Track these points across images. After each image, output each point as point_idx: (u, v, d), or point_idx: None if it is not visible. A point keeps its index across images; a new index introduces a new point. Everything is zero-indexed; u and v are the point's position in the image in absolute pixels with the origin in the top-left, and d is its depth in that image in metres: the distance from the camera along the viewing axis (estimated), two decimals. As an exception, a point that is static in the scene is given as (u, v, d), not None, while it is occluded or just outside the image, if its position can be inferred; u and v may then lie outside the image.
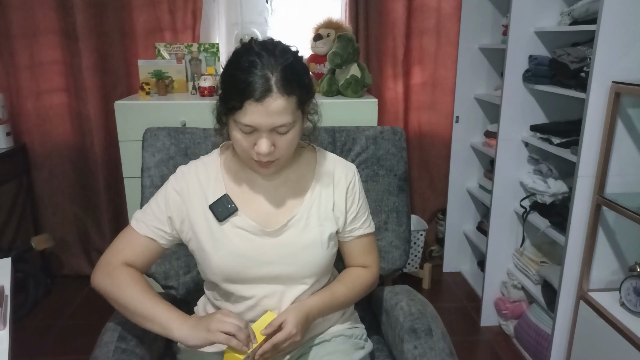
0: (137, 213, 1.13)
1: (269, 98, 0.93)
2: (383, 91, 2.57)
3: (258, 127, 0.95)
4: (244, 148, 1.00)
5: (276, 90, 0.93)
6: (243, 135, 0.98)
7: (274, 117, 0.94)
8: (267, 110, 0.93)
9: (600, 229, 1.61)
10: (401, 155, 1.45)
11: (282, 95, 0.93)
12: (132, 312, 1.02)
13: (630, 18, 1.47)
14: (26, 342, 2.14)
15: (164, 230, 1.10)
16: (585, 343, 1.64)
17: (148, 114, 1.97)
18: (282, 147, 1.00)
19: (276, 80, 0.93)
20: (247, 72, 0.93)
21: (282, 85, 0.93)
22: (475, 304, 2.43)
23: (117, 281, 1.04)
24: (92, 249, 2.69)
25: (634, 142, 1.55)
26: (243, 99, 0.93)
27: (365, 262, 1.21)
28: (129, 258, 1.08)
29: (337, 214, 1.14)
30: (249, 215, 1.09)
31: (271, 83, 0.93)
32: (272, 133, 0.97)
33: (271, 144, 0.98)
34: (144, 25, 2.41)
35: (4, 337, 0.99)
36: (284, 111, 0.95)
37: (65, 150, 2.54)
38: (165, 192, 1.11)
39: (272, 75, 0.93)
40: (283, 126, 0.96)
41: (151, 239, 1.09)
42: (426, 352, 1.10)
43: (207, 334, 0.95)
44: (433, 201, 2.78)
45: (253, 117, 0.94)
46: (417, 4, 2.48)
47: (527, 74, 1.93)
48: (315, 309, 1.08)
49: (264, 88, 0.92)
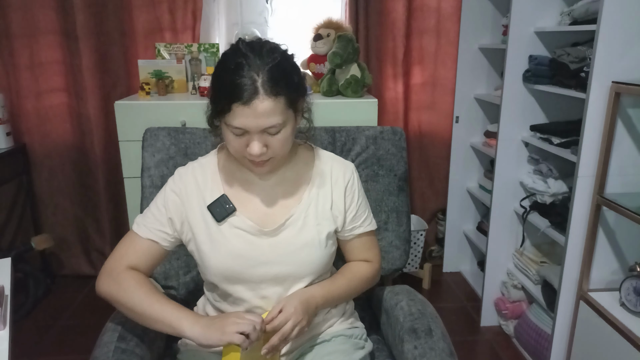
0: (138, 217, 1.13)
1: (256, 100, 0.92)
2: (383, 91, 2.57)
3: (247, 130, 0.95)
4: (236, 149, 1.00)
5: (263, 92, 0.92)
6: (235, 137, 0.98)
7: (262, 119, 0.94)
8: (255, 112, 0.93)
9: (600, 229, 1.61)
10: (401, 155, 1.45)
11: (269, 96, 0.93)
12: (141, 315, 1.02)
13: (630, 18, 1.47)
14: (26, 342, 2.14)
15: (165, 232, 1.10)
16: (585, 343, 1.64)
17: (148, 114, 1.97)
18: (275, 147, 1.00)
19: (262, 82, 0.92)
20: (233, 74, 0.93)
21: (269, 86, 0.92)
22: (475, 304, 2.43)
23: (123, 286, 1.03)
24: (92, 249, 2.69)
25: (634, 142, 1.55)
26: (230, 102, 0.93)
27: (366, 258, 1.21)
28: (132, 262, 1.08)
29: (336, 213, 1.14)
30: (246, 215, 1.09)
31: (257, 85, 0.92)
32: (263, 134, 0.97)
33: (263, 145, 0.98)
34: (144, 25, 2.41)
35: (4, 337, 0.99)
36: (272, 113, 0.94)
37: (65, 150, 2.54)
38: (164, 194, 1.12)
39: (258, 77, 0.92)
40: (272, 127, 0.96)
41: (154, 242, 1.09)
42: (426, 352, 1.10)
43: (221, 335, 0.95)
44: (433, 201, 2.78)
45: (242, 120, 0.94)
46: (417, 4, 2.48)
47: (527, 74, 1.93)
48: (316, 295, 1.08)
49: (250, 90, 0.92)
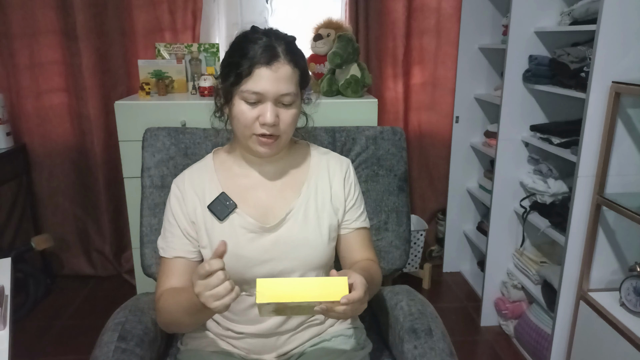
0: (159, 241, 1.14)
1: (277, 63, 0.98)
2: (383, 91, 2.57)
3: (265, 94, 0.99)
4: (247, 122, 1.01)
5: (283, 57, 0.99)
6: (248, 107, 1.00)
7: (282, 84, 0.99)
8: (276, 75, 0.98)
9: (600, 229, 1.61)
10: (401, 155, 1.45)
11: (289, 63, 1.00)
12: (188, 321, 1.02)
13: (630, 18, 1.47)
14: (26, 342, 2.14)
15: (186, 244, 1.10)
16: (585, 343, 1.64)
17: (148, 114, 1.97)
18: (285, 121, 1.02)
19: (282, 50, 1.00)
20: (255, 42, 1.00)
21: (288, 54, 1.00)
22: (475, 304, 2.43)
23: (163, 311, 1.05)
24: (92, 249, 2.69)
25: (634, 142, 1.55)
26: (252, 65, 0.98)
27: (366, 257, 1.19)
28: (170, 285, 1.09)
29: (337, 204, 1.14)
30: (247, 212, 1.09)
31: (278, 51, 0.99)
32: (276, 104, 1.01)
33: (275, 114, 1.01)
34: (144, 25, 2.41)
35: (4, 337, 0.99)
36: (290, 79, 1.00)
37: (65, 150, 2.54)
38: (169, 208, 1.13)
39: (278, 45, 1.00)
40: (288, 95, 1.00)
41: (181, 258, 1.10)
42: (426, 352, 1.10)
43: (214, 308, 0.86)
44: (433, 201, 2.78)
45: (262, 83, 0.98)
46: (417, 4, 2.48)
47: (527, 74, 1.93)
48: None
49: (273, 53, 0.98)
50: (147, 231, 1.35)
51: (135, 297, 1.30)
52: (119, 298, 2.27)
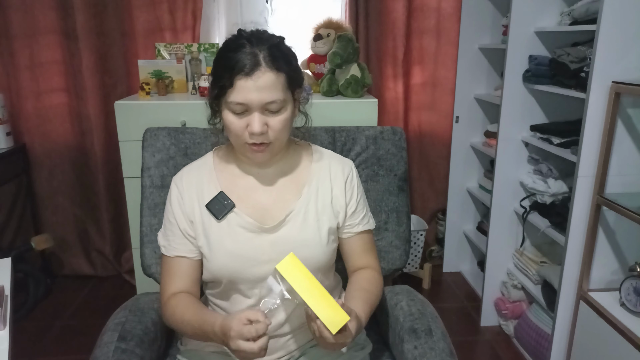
0: (160, 238, 1.14)
1: (258, 72, 0.96)
2: (383, 91, 2.57)
3: (249, 104, 0.97)
4: (237, 132, 1.01)
5: (264, 65, 0.96)
6: (235, 118, 1.00)
7: (264, 93, 0.97)
8: (257, 84, 0.96)
9: (600, 229, 1.61)
10: (401, 155, 1.45)
11: (271, 69, 0.97)
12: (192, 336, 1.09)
13: (630, 18, 1.47)
14: (26, 342, 2.14)
15: (186, 243, 1.10)
16: (585, 343, 1.64)
17: (148, 114, 1.97)
18: (275, 128, 1.01)
19: (264, 56, 0.97)
20: (236, 51, 0.98)
21: (270, 60, 0.97)
22: (475, 304, 2.43)
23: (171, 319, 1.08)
24: (92, 249, 2.69)
25: (634, 142, 1.55)
26: (232, 76, 0.96)
27: (368, 262, 1.19)
28: (176, 287, 1.10)
29: (337, 208, 1.14)
30: (245, 212, 1.09)
31: (259, 58, 0.96)
32: (264, 112, 0.99)
33: (263, 123, 0.99)
34: (144, 25, 2.41)
35: (4, 337, 0.99)
36: (274, 87, 0.97)
37: (65, 150, 2.54)
38: (169, 206, 1.13)
39: (259, 52, 0.97)
40: (274, 103, 0.98)
41: (182, 257, 1.10)
42: (426, 352, 1.10)
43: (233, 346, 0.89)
44: (433, 201, 2.78)
45: (244, 94, 0.96)
46: (417, 4, 2.48)
47: (527, 74, 1.93)
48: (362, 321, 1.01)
49: (253, 62, 0.96)
50: (147, 231, 1.35)
51: (135, 297, 1.30)
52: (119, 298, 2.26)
